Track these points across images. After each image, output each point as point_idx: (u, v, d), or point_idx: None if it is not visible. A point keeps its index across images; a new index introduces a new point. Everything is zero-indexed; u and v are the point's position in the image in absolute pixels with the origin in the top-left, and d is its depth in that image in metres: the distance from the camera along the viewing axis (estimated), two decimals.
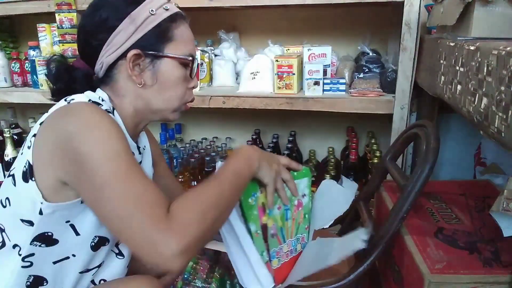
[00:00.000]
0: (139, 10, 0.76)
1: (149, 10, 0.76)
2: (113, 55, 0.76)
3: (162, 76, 0.79)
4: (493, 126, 0.56)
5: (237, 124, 1.87)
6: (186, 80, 0.83)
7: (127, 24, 0.75)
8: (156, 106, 0.81)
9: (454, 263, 0.74)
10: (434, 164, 0.82)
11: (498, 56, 0.56)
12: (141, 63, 0.77)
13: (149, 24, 0.76)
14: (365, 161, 1.55)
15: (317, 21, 1.64)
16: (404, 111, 1.24)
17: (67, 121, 0.68)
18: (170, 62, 0.79)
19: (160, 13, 0.77)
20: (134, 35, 0.75)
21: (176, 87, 0.81)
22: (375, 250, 0.86)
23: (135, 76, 0.77)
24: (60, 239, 0.74)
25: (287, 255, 0.94)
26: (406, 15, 1.17)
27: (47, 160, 0.70)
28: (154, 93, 0.80)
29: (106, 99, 0.79)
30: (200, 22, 1.77)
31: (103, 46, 0.76)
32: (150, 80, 0.78)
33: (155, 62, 0.78)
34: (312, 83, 1.34)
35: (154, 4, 0.77)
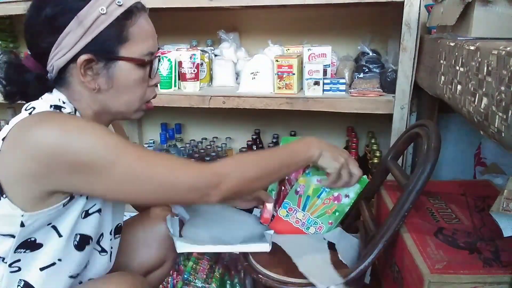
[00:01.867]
0: (88, 10, 0.68)
1: (99, 9, 0.68)
2: (63, 59, 0.70)
3: (118, 80, 0.74)
4: (493, 126, 0.56)
5: (237, 124, 1.87)
6: (146, 80, 0.78)
7: (75, 25, 0.68)
8: (115, 109, 0.78)
9: (454, 263, 0.75)
10: (435, 163, 0.82)
11: (498, 56, 0.56)
12: (94, 67, 0.71)
13: (99, 25, 0.69)
14: (365, 161, 1.55)
15: (317, 21, 1.64)
16: (404, 111, 1.24)
17: (41, 135, 0.64)
18: (126, 65, 0.73)
19: (112, 11, 0.69)
20: (84, 38, 0.69)
21: (134, 89, 0.77)
22: (375, 249, 0.86)
23: (87, 82, 0.72)
24: (44, 242, 0.72)
25: (296, 222, 0.97)
26: (406, 15, 1.17)
27: (24, 177, 0.66)
28: (110, 97, 0.75)
29: (66, 101, 0.74)
30: (200, 22, 1.77)
31: (52, 48, 0.70)
32: (105, 85, 0.73)
33: (110, 66, 0.72)
34: (312, 83, 1.34)
35: (105, 1, 0.69)
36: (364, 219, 1.07)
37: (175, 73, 1.48)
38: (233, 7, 1.45)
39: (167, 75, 1.47)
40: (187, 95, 1.44)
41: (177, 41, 1.68)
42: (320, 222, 0.98)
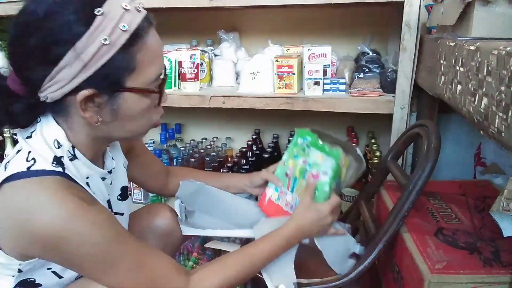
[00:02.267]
0: (87, 41, 0.58)
1: (100, 39, 0.58)
2: (58, 92, 0.62)
3: (123, 112, 0.66)
4: (493, 126, 0.56)
5: (237, 124, 1.87)
6: (154, 106, 0.71)
7: (72, 58, 0.58)
8: (119, 136, 0.72)
9: (454, 263, 0.75)
10: (435, 163, 0.83)
11: (498, 56, 0.56)
12: (96, 100, 0.63)
13: (101, 58, 0.59)
14: (365, 161, 1.55)
15: (317, 21, 1.63)
16: (404, 111, 1.24)
17: (32, 212, 0.59)
18: (133, 95, 0.65)
19: (116, 40, 0.60)
20: (83, 72, 0.60)
21: (142, 117, 0.70)
22: (375, 248, 0.86)
23: (89, 116, 0.64)
24: (43, 283, 0.71)
25: (286, 205, 0.98)
26: (406, 15, 1.17)
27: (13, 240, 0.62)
28: (115, 127, 0.69)
29: (62, 140, 0.66)
30: (200, 22, 1.77)
31: (45, 80, 0.61)
32: (109, 117, 0.66)
33: (114, 99, 0.64)
34: (312, 83, 1.34)
35: (107, 27, 0.59)
36: (364, 219, 1.07)
37: (175, 73, 1.48)
38: (233, 7, 1.45)
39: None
40: (187, 95, 1.43)
41: (177, 41, 1.68)
42: None
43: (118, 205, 0.85)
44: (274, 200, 1.00)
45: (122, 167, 0.88)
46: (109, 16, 0.59)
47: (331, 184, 0.93)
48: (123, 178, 0.88)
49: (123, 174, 0.88)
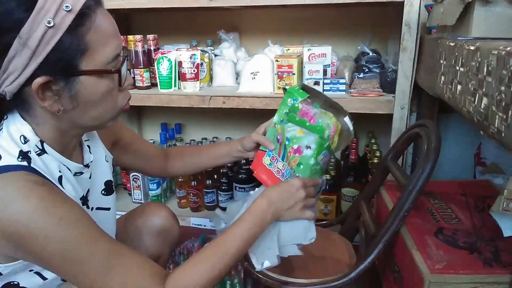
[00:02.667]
0: (31, 26, 0.56)
1: (44, 22, 0.56)
2: (14, 85, 0.60)
3: (83, 97, 0.64)
4: (493, 126, 0.56)
5: (237, 124, 1.87)
6: (116, 88, 0.68)
7: (19, 46, 0.57)
8: (85, 124, 0.70)
9: (454, 263, 0.75)
10: (435, 163, 0.83)
11: (498, 56, 0.56)
12: (53, 88, 0.61)
13: (49, 42, 0.57)
14: (365, 161, 1.55)
15: (317, 21, 1.63)
16: (404, 111, 1.24)
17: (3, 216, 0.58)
18: (90, 78, 0.63)
19: (61, 22, 0.57)
20: (33, 59, 0.58)
21: (104, 101, 0.67)
22: (375, 249, 0.86)
23: (49, 105, 0.62)
24: (28, 286, 0.69)
25: (278, 172, 0.92)
26: (406, 15, 1.17)
27: None
28: (78, 114, 0.66)
29: (29, 135, 0.65)
30: (200, 22, 1.77)
31: None
32: (69, 105, 0.64)
33: (71, 84, 0.62)
34: (312, 83, 1.34)
35: (50, 9, 0.57)
36: (364, 219, 1.07)
37: (175, 73, 1.48)
38: (233, 7, 1.45)
39: (167, 75, 1.47)
40: (187, 95, 1.44)
41: (177, 41, 1.68)
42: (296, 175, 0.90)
43: (103, 200, 0.84)
44: (267, 165, 0.95)
45: (104, 161, 0.86)
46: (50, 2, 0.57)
47: (317, 157, 0.87)
48: (106, 172, 0.86)
49: (106, 168, 0.86)
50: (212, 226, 1.60)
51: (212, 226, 1.60)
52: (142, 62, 1.50)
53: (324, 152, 0.88)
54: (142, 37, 1.48)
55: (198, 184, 1.63)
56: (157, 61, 1.45)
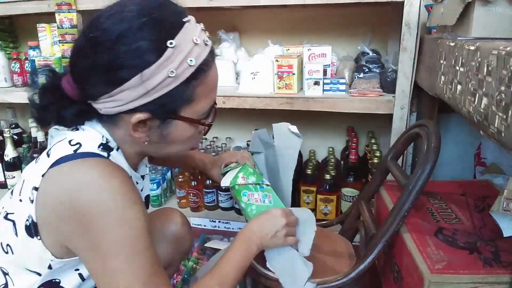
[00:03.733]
0: (155, 69, 0.59)
1: (168, 71, 0.59)
2: (114, 109, 0.63)
3: (171, 136, 0.68)
4: (493, 126, 0.56)
5: (237, 124, 1.87)
6: (199, 134, 0.73)
7: (137, 84, 0.59)
8: (159, 155, 0.74)
9: (454, 263, 0.75)
10: (435, 163, 0.83)
11: (498, 56, 0.56)
12: (148, 123, 0.65)
13: (165, 88, 0.60)
14: (365, 161, 1.55)
15: (317, 21, 1.63)
16: (404, 111, 1.24)
17: (80, 190, 0.59)
18: (184, 124, 0.67)
19: (181, 73, 0.60)
20: (144, 97, 0.61)
21: (187, 143, 0.72)
22: (375, 249, 0.86)
23: (138, 136, 0.66)
24: (66, 286, 0.71)
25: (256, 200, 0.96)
26: (406, 15, 1.17)
27: (54, 225, 0.63)
28: (159, 147, 0.71)
29: (109, 138, 0.68)
30: (200, 22, 1.77)
31: (102, 96, 0.62)
32: (156, 139, 0.68)
33: (166, 124, 0.66)
34: (312, 83, 1.34)
35: (175, 60, 0.59)
36: (364, 219, 1.07)
37: None
38: (233, 7, 1.45)
39: None
40: None
41: None
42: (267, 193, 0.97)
43: None
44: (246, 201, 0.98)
45: (148, 176, 0.88)
46: (179, 48, 0.60)
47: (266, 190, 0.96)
48: (148, 186, 0.89)
49: (148, 182, 0.89)
50: (212, 226, 1.60)
51: (212, 226, 1.60)
52: None
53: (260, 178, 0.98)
54: None
55: (198, 184, 1.63)
56: None
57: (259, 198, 0.96)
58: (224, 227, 1.59)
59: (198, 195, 1.64)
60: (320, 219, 1.49)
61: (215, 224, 1.60)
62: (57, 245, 0.65)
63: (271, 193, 0.97)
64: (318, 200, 1.50)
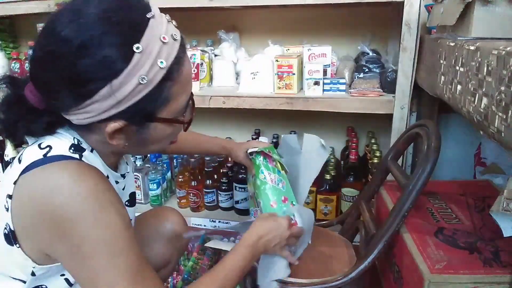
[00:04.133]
0: (124, 79, 0.55)
1: (138, 78, 0.56)
2: (87, 120, 0.60)
3: (150, 138, 0.66)
4: (493, 126, 0.56)
5: (237, 124, 1.87)
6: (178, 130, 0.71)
7: (106, 95, 0.56)
8: (137, 153, 0.74)
9: (454, 263, 0.74)
10: (435, 163, 0.83)
11: (498, 56, 0.56)
12: (124, 129, 0.62)
13: (136, 95, 0.57)
14: (365, 161, 1.55)
15: (317, 21, 1.63)
16: (404, 111, 1.24)
17: (52, 196, 0.58)
18: (163, 124, 0.65)
19: (153, 77, 0.57)
20: (115, 108, 0.58)
21: (166, 140, 0.70)
22: (375, 249, 0.86)
23: (116, 143, 0.63)
24: None
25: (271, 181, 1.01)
26: (406, 15, 1.17)
27: (31, 232, 0.62)
28: (138, 148, 0.69)
29: (82, 140, 0.66)
30: (200, 22, 1.77)
31: (72, 109, 0.59)
32: (134, 143, 0.66)
33: (144, 128, 0.64)
34: (312, 83, 1.34)
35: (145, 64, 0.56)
36: (364, 219, 1.07)
37: None
38: (233, 7, 1.45)
39: None
40: None
41: None
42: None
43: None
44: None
45: (132, 173, 0.87)
46: (147, 51, 0.56)
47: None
48: (132, 183, 0.87)
49: (132, 179, 0.87)
50: (212, 226, 1.60)
51: (212, 226, 1.60)
52: None
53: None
54: None
55: (198, 184, 1.63)
56: None
57: (274, 180, 1.00)
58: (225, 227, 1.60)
59: (198, 195, 1.64)
60: (320, 219, 1.49)
61: (215, 224, 1.60)
62: (37, 251, 0.64)
63: (286, 181, 1.02)
64: (318, 200, 1.50)
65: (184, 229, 1.06)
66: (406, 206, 0.85)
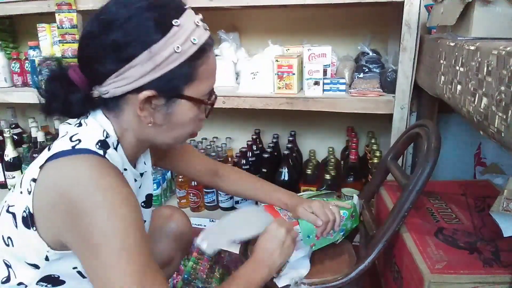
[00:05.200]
0: (162, 45, 0.63)
1: (174, 47, 0.63)
2: (122, 89, 0.65)
3: (175, 117, 0.70)
4: (493, 126, 0.56)
5: (237, 124, 1.87)
6: (201, 117, 0.75)
7: (145, 59, 0.63)
8: (162, 141, 0.75)
9: (454, 263, 0.75)
10: (435, 163, 0.83)
11: (498, 56, 0.56)
12: (153, 102, 0.67)
13: (171, 63, 0.64)
14: (365, 161, 1.55)
15: (317, 21, 1.64)
16: (404, 111, 1.24)
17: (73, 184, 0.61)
18: (188, 103, 0.69)
19: (186, 50, 0.65)
20: (151, 73, 0.64)
21: (188, 126, 0.74)
22: (375, 249, 0.86)
23: (144, 116, 0.68)
24: (67, 280, 0.72)
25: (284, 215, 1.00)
26: (406, 15, 1.17)
27: (47, 216, 0.65)
28: (162, 131, 0.72)
29: (110, 132, 0.70)
30: None
31: (112, 75, 0.64)
32: (160, 120, 0.70)
33: (171, 103, 0.68)
34: (312, 83, 1.34)
35: (181, 37, 0.64)
36: (364, 219, 1.07)
37: None
38: (233, 7, 1.45)
39: None
40: None
41: None
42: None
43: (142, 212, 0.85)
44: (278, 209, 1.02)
45: (150, 175, 0.88)
46: (184, 27, 0.65)
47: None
48: (150, 185, 0.88)
49: (150, 181, 0.88)
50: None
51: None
52: None
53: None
54: None
55: (198, 184, 1.63)
56: None
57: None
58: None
59: (198, 195, 1.64)
60: None
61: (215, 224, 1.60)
62: (52, 236, 0.66)
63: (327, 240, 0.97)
64: None
65: (189, 229, 1.05)
66: (406, 206, 0.85)
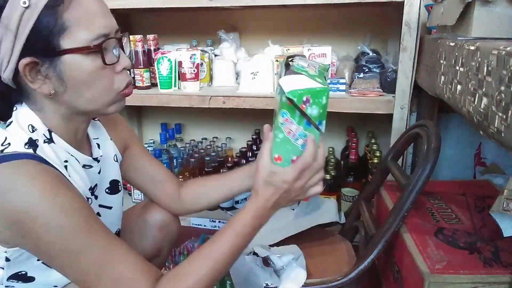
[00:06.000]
0: (10, 10, 0.59)
1: (20, 3, 0.58)
2: (8, 70, 0.63)
3: (71, 77, 0.64)
4: (493, 126, 0.56)
5: (237, 124, 1.87)
6: (106, 68, 0.66)
7: (3, 30, 0.60)
8: (84, 107, 0.69)
9: (454, 263, 0.75)
10: (435, 163, 0.83)
11: (498, 56, 0.56)
12: (40, 70, 0.63)
13: (27, 23, 0.59)
14: (365, 161, 1.55)
15: (317, 21, 1.63)
16: (404, 111, 1.24)
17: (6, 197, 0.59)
18: (73, 57, 0.63)
19: (37, 1, 0.59)
20: (17, 42, 0.60)
21: (95, 82, 0.66)
22: (375, 249, 0.86)
23: (40, 88, 0.64)
24: (36, 275, 0.70)
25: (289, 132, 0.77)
26: (406, 15, 1.17)
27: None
28: (73, 97, 0.67)
29: (37, 124, 0.67)
30: (200, 22, 1.77)
31: None
32: (59, 86, 0.65)
33: (55, 64, 0.63)
34: None
35: None
36: (364, 219, 1.07)
37: (175, 73, 1.48)
38: (233, 7, 1.45)
39: (167, 75, 1.47)
40: (187, 95, 1.43)
41: (177, 41, 1.68)
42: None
43: (106, 198, 0.84)
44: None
45: (113, 160, 0.86)
46: None
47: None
48: (114, 171, 0.86)
49: (113, 167, 0.86)
50: (212, 226, 1.60)
51: (212, 226, 1.60)
52: (142, 62, 1.49)
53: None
54: (142, 37, 1.48)
55: None
56: (157, 61, 1.45)
57: (293, 131, 0.74)
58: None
59: None
60: None
61: (215, 224, 1.60)
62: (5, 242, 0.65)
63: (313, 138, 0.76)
64: None
65: (174, 218, 1.04)
66: (406, 206, 0.85)
